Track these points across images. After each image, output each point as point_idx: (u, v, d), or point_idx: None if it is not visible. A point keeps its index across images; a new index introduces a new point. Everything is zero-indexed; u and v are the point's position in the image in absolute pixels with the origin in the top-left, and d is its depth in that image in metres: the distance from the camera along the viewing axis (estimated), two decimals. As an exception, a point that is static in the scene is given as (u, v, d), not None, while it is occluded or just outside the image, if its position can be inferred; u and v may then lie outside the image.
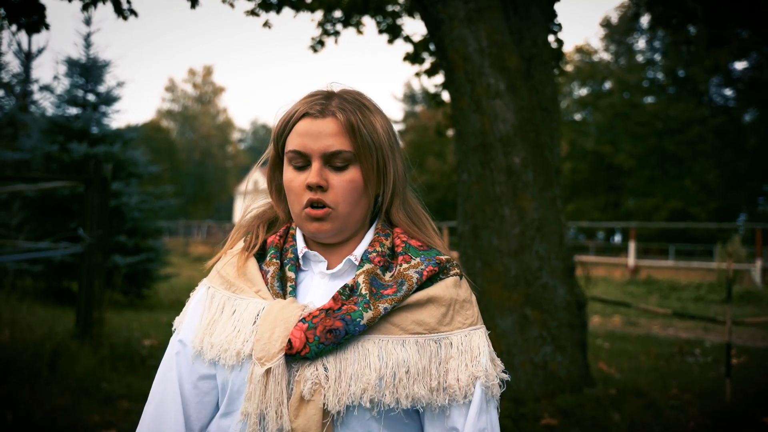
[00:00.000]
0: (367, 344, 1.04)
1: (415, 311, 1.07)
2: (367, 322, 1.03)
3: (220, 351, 1.08)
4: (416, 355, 1.05)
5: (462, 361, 1.07)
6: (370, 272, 1.09)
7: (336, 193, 1.09)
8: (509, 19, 4.66)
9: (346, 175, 1.10)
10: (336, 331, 1.02)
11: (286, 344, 1.02)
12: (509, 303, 4.29)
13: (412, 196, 1.23)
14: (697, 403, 4.54)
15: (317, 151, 1.09)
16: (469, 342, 1.09)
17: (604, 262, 20.56)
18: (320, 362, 1.02)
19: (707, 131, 28.62)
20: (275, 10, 7.31)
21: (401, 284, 1.08)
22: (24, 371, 4.31)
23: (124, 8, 5.38)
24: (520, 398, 4.18)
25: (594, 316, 10.50)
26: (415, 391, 1.03)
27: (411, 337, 1.05)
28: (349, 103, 1.12)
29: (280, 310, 1.06)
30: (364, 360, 1.03)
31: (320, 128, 1.09)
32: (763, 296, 13.91)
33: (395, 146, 1.16)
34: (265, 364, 1.01)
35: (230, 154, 55.62)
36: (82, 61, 10.49)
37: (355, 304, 1.05)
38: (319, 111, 1.11)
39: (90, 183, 5.52)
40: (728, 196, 29.27)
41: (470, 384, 1.06)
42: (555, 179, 4.60)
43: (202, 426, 1.15)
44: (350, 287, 1.07)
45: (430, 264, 1.11)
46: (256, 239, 1.19)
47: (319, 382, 1.01)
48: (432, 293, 1.09)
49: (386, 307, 1.05)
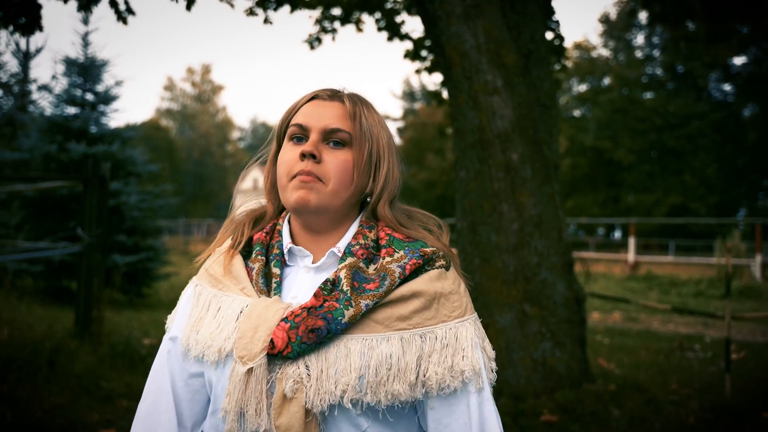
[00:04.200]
0: (349, 343, 1.03)
1: (398, 306, 1.06)
2: (348, 320, 1.02)
3: (204, 347, 1.09)
4: (400, 352, 1.03)
5: (444, 354, 1.05)
6: (352, 266, 1.08)
7: (328, 168, 1.10)
8: (506, 15, 4.65)
9: (340, 155, 1.11)
10: (318, 330, 1.01)
11: (268, 344, 1.02)
12: (508, 299, 4.29)
13: (406, 204, 1.23)
14: (696, 398, 4.54)
15: (318, 127, 1.12)
16: (455, 334, 1.07)
17: (603, 258, 20.54)
18: (302, 361, 1.02)
19: (706, 126, 28.59)
20: (273, 8, 7.29)
21: (383, 279, 1.07)
22: (23, 370, 4.32)
23: (122, 9, 5.37)
24: (520, 394, 4.18)
25: (594, 312, 10.51)
26: (394, 388, 1.02)
27: (395, 334, 1.04)
28: (358, 98, 1.19)
29: (264, 308, 1.06)
30: (345, 359, 1.02)
31: (325, 109, 1.14)
32: (762, 291, 13.91)
33: (393, 149, 1.19)
34: (247, 363, 1.01)
35: (229, 153, 55.59)
36: (80, 60, 10.48)
37: (337, 301, 1.04)
38: (329, 95, 1.17)
39: (89, 182, 5.51)
40: (728, 191, 29.24)
41: (447, 376, 1.04)
42: (553, 175, 4.60)
43: (195, 423, 1.17)
44: (332, 282, 1.07)
45: (414, 257, 1.09)
46: (242, 237, 1.20)
47: (301, 380, 1.01)
48: (415, 287, 1.07)
49: (368, 303, 1.04)
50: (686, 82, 30.47)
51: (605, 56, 33.52)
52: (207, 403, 1.17)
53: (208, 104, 53.04)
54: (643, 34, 31.98)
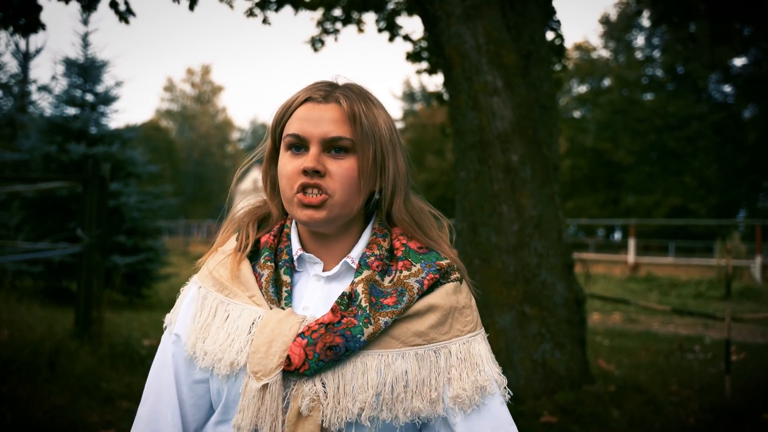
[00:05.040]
0: (366, 359, 1.01)
1: (415, 322, 1.04)
2: (367, 338, 1.00)
3: (214, 360, 1.05)
4: (415, 368, 1.02)
5: (463, 369, 1.04)
6: (368, 279, 1.05)
7: (334, 180, 1.05)
8: (506, 15, 4.65)
9: (344, 163, 1.06)
10: (336, 348, 0.99)
11: (284, 360, 0.99)
12: (508, 300, 4.29)
13: (417, 196, 1.19)
14: (696, 399, 4.54)
15: (317, 136, 1.05)
16: (468, 350, 1.06)
17: (603, 259, 20.53)
18: (318, 378, 0.99)
19: (706, 127, 28.58)
20: (274, 9, 7.29)
21: (401, 294, 1.04)
22: (23, 371, 4.31)
23: (122, 10, 5.37)
24: (520, 395, 4.18)
25: (594, 313, 10.50)
26: (414, 405, 1.01)
27: (410, 350, 1.03)
28: (353, 92, 1.10)
29: (278, 322, 1.02)
30: (362, 377, 1.00)
31: (322, 113, 1.06)
32: (762, 292, 13.90)
33: (396, 143, 1.13)
34: (262, 379, 0.98)
35: (229, 154, 55.58)
36: (80, 61, 10.48)
37: (355, 317, 1.01)
38: (323, 97, 1.08)
39: (88, 183, 5.51)
40: (728, 192, 29.23)
41: (475, 393, 1.04)
42: (553, 176, 4.60)
43: (197, 427, 1.12)
44: (348, 296, 1.04)
45: (431, 271, 1.08)
46: (247, 239, 1.15)
47: (318, 398, 0.98)
48: (432, 302, 1.06)
49: (387, 321, 1.01)
50: (686, 83, 30.47)
51: (605, 57, 33.53)
52: (209, 409, 1.12)
53: (207, 105, 53.03)
54: (644, 35, 31.99)
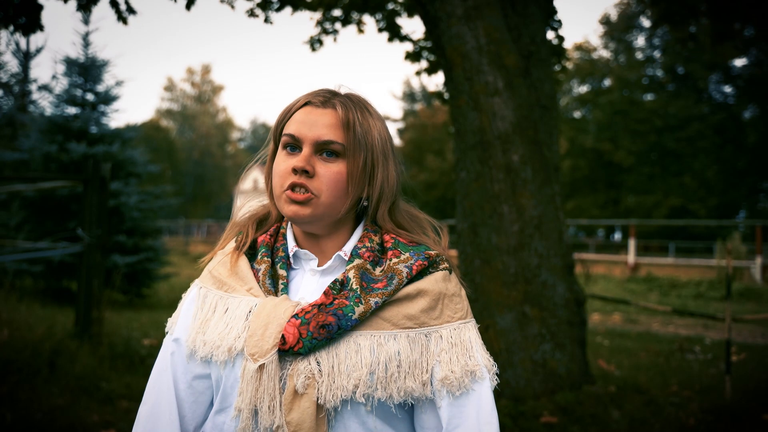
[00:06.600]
0: (359, 339, 1.05)
1: (405, 305, 1.09)
2: (358, 317, 1.04)
3: (212, 348, 1.09)
4: (407, 349, 1.06)
5: (454, 353, 1.08)
6: (360, 267, 1.11)
7: (321, 182, 1.10)
8: (507, 16, 4.65)
9: (333, 167, 1.11)
10: (329, 326, 1.03)
11: (279, 340, 1.03)
12: (508, 301, 4.28)
13: (409, 204, 1.25)
14: (697, 399, 4.53)
15: (310, 138, 1.10)
16: (459, 335, 1.11)
17: (604, 259, 20.52)
18: (313, 357, 1.04)
19: (707, 128, 28.59)
20: (275, 10, 7.29)
21: (391, 278, 1.09)
22: (23, 371, 4.31)
23: (122, 9, 5.37)
24: (520, 396, 4.17)
25: (594, 313, 10.50)
26: (407, 384, 1.05)
27: (402, 332, 1.07)
28: (352, 101, 1.15)
29: (273, 307, 1.07)
30: (356, 355, 1.04)
31: (318, 117, 1.12)
32: (762, 293, 13.90)
33: (389, 153, 1.17)
34: (258, 359, 1.02)
35: (230, 154, 55.58)
36: (81, 60, 10.48)
37: (347, 299, 1.06)
38: (321, 102, 1.14)
39: (89, 183, 5.51)
40: (728, 193, 29.24)
41: (465, 376, 1.07)
42: (554, 176, 4.60)
43: (196, 425, 1.17)
44: (341, 282, 1.09)
45: (420, 258, 1.13)
46: (246, 238, 1.21)
47: (313, 375, 1.02)
48: (421, 286, 1.10)
49: (377, 301, 1.06)
50: (686, 84, 30.47)
51: (606, 57, 33.53)
52: (210, 405, 1.17)
53: (208, 105, 53.03)
54: (644, 35, 31.99)
